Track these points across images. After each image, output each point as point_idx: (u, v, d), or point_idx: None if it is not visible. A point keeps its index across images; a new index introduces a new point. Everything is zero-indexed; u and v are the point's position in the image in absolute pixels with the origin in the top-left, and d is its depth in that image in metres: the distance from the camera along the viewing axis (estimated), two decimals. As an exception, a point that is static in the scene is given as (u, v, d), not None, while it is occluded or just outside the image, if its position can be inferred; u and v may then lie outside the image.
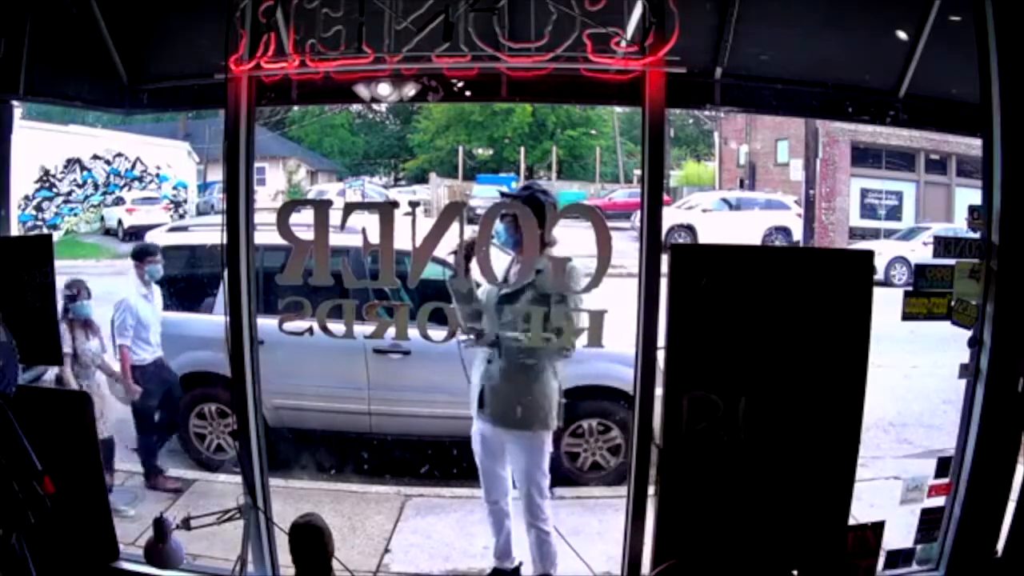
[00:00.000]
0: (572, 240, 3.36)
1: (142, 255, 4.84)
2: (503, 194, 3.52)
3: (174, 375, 5.08)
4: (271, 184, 14.49)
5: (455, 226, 2.87)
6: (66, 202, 12.43)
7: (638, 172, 6.50)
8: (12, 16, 3.30)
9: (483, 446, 3.49)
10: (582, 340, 2.94)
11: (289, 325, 2.95)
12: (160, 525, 2.91)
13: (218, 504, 3.10)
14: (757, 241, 12.07)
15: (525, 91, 3.22)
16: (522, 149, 15.81)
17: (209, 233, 4.22)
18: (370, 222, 2.86)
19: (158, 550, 2.92)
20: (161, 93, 3.69)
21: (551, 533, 3.43)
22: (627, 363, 3.18)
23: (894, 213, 13.77)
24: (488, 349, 3.32)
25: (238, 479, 3.20)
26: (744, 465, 2.70)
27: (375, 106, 15.89)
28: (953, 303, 2.91)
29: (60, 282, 3.25)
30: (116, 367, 4.77)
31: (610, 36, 2.77)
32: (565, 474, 4.80)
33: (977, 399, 2.91)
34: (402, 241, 2.82)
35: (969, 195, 10.65)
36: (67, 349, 4.40)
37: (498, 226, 3.11)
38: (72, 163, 12.41)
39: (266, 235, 3.11)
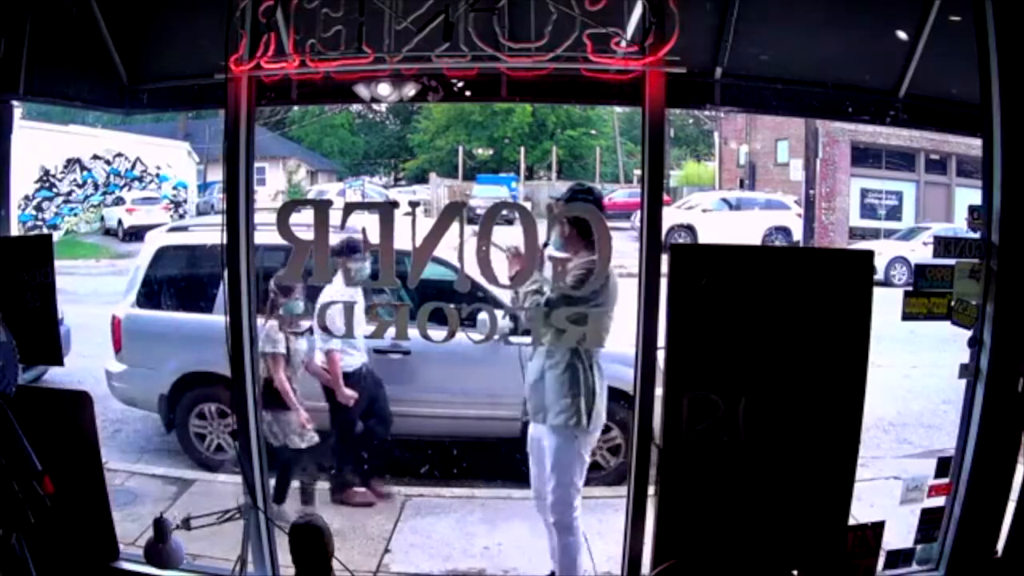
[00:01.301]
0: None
1: (347, 251, 4.02)
2: (556, 199, 3.55)
3: (380, 382, 4.76)
4: (271, 184, 14.50)
5: (455, 226, 2.88)
6: (66, 202, 12.44)
7: (638, 172, 6.50)
8: (12, 16, 3.29)
9: (530, 448, 3.51)
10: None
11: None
12: (160, 525, 2.91)
13: (218, 504, 3.10)
14: (757, 241, 12.06)
15: (525, 91, 3.22)
16: (522, 149, 15.81)
17: (209, 233, 4.20)
18: (370, 222, 2.86)
19: (158, 550, 2.92)
20: (161, 93, 3.69)
21: (578, 541, 3.39)
22: (627, 363, 3.19)
23: (894, 213, 13.77)
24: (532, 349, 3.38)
25: (238, 479, 3.20)
26: (744, 465, 2.70)
27: (375, 106, 15.89)
28: (953, 303, 2.90)
29: (60, 282, 3.23)
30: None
31: (610, 36, 2.77)
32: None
33: (977, 399, 2.90)
34: (402, 241, 2.83)
35: (969, 195, 10.65)
36: (281, 349, 4.27)
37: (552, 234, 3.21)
38: (72, 163, 12.42)
39: (266, 235, 3.11)
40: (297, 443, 4.37)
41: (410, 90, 3.05)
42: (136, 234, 10.50)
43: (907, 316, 2.91)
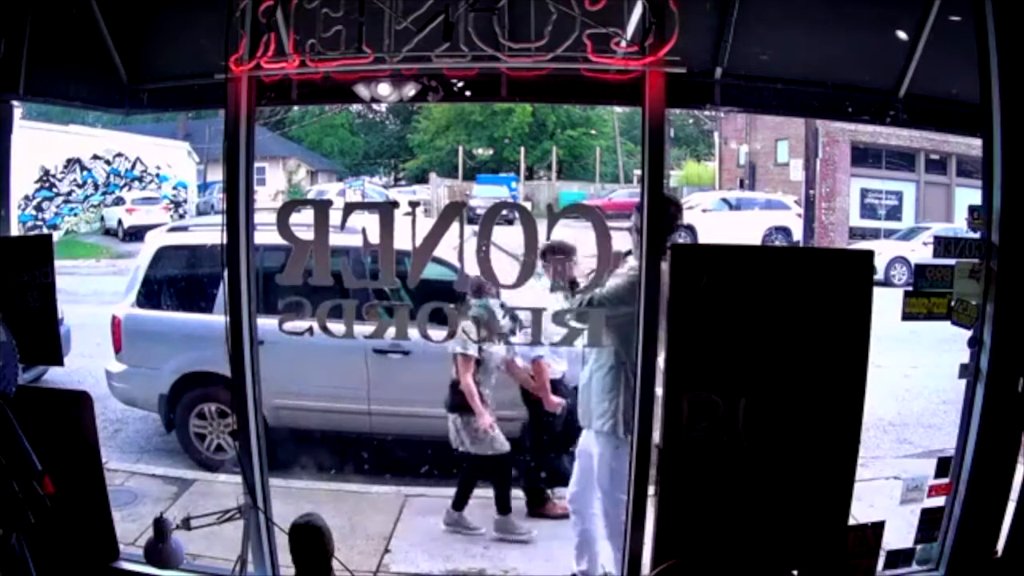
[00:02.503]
0: (572, 240, 3.37)
1: (556, 251, 3.56)
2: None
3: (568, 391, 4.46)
4: (271, 184, 14.50)
5: (455, 226, 2.88)
6: (66, 202, 12.45)
7: (638, 172, 6.50)
8: (12, 16, 3.29)
9: (578, 452, 3.52)
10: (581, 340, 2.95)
11: (289, 325, 2.95)
12: (160, 525, 2.91)
13: (218, 504, 3.10)
14: (757, 241, 12.07)
15: (525, 91, 3.23)
16: (522, 149, 15.81)
17: (209, 233, 4.21)
18: (370, 222, 2.87)
19: (158, 550, 2.92)
20: (161, 93, 3.69)
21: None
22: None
23: (894, 213, 13.78)
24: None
25: (238, 479, 3.20)
26: (744, 465, 2.70)
27: (375, 106, 15.89)
28: (953, 303, 2.90)
29: (60, 282, 3.23)
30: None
31: (610, 36, 2.77)
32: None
33: (977, 399, 2.90)
34: (402, 241, 2.83)
35: (969, 195, 10.66)
36: (472, 351, 4.16)
37: None
38: (72, 163, 12.43)
39: (266, 235, 3.11)
40: (483, 450, 4.25)
41: (410, 90, 3.05)
42: (136, 234, 10.52)
43: (907, 316, 2.92)
